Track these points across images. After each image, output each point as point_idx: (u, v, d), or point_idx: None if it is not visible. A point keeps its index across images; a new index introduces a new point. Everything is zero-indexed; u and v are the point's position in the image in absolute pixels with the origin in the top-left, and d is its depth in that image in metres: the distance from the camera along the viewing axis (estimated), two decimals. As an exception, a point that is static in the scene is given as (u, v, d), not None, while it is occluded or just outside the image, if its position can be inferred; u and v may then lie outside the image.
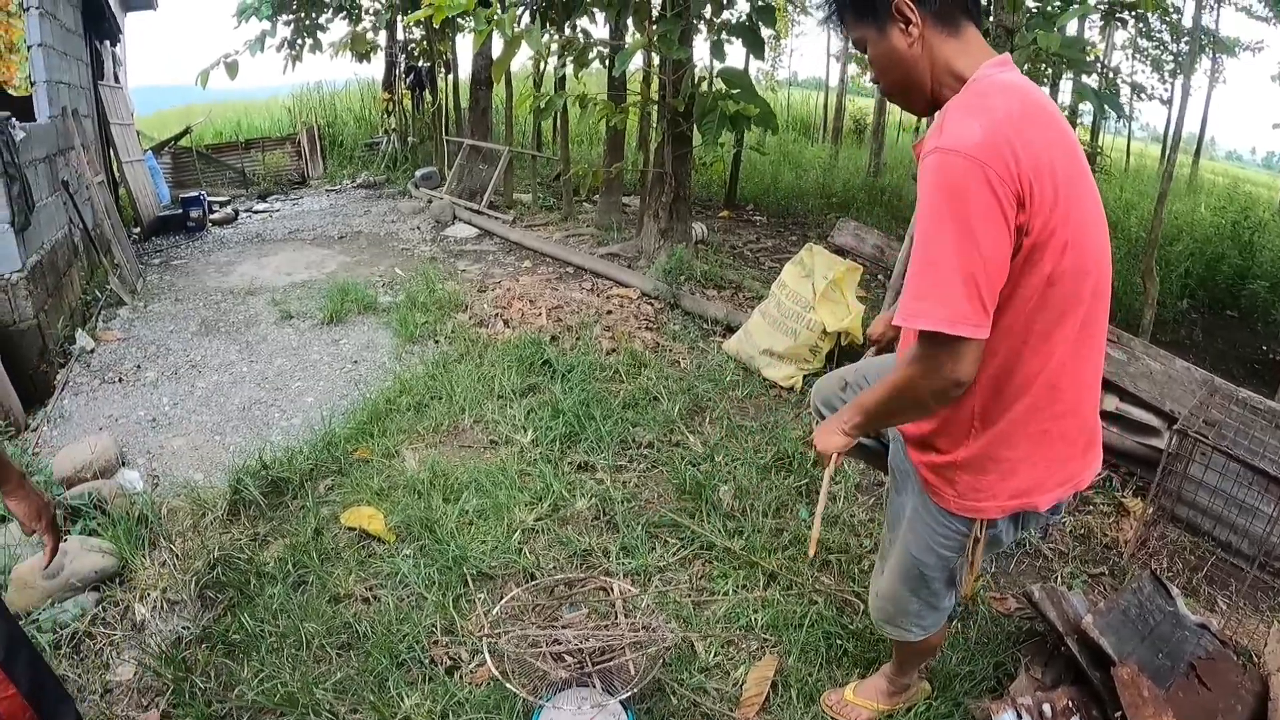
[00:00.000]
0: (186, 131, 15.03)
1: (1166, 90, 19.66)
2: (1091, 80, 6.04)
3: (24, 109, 7.19)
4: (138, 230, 10.77)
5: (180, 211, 11.11)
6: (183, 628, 3.34)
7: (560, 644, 2.82)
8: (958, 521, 2.20)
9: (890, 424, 2.28)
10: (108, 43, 11.24)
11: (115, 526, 3.86)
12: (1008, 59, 1.94)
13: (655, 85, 8.70)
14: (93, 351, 6.40)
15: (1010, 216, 1.74)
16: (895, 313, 1.95)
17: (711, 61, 7.55)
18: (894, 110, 24.62)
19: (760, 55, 7.76)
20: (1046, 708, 2.72)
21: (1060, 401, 1.98)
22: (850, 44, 1.89)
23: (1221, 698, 2.81)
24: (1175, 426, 3.91)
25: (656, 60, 8.45)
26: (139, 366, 6.19)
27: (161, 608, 3.47)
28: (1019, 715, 2.68)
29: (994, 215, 1.72)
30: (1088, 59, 6.30)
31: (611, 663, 2.83)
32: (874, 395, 2.07)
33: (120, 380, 5.93)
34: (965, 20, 1.94)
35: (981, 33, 1.95)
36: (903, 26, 1.92)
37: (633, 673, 2.83)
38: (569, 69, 8.71)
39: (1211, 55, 17.30)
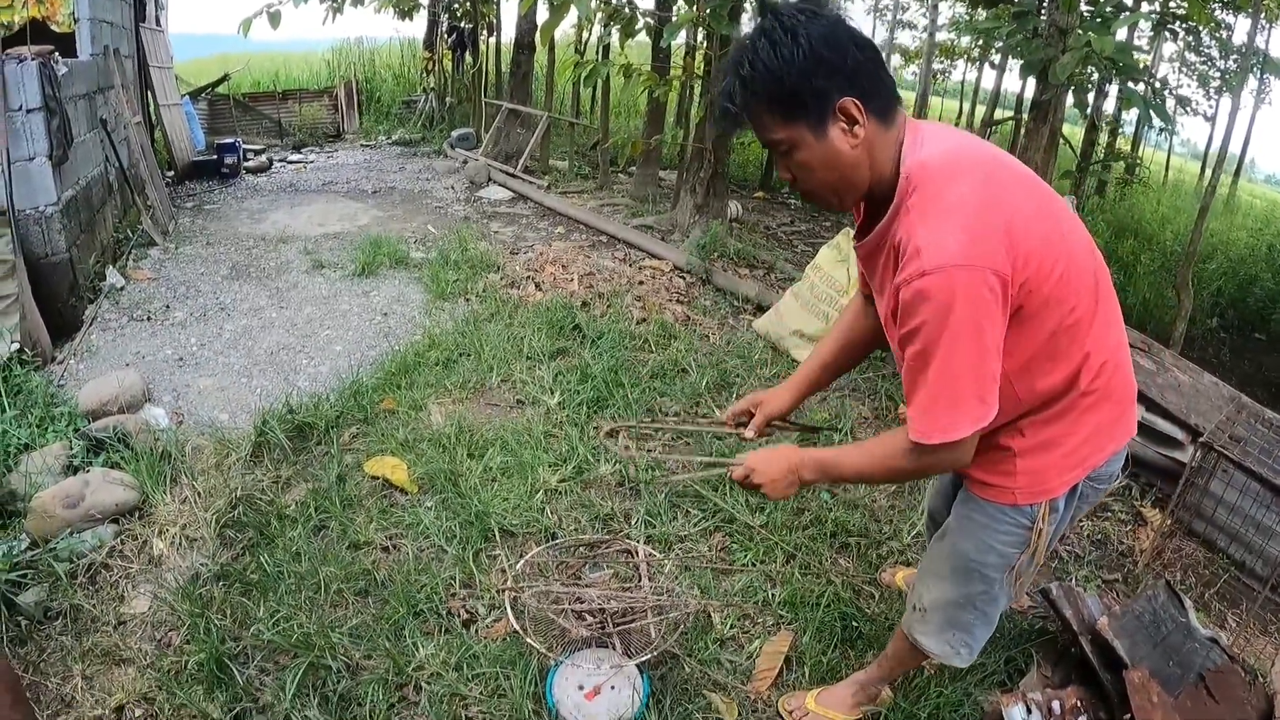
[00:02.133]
0: (225, 79, 15.00)
1: (1210, 107, 19.43)
2: (1139, 88, 5.95)
3: (66, 46, 7.17)
4: (172, 173, 10.76)
5: (215, 157, 11.09)
6: (201, 564, 3.34)
7: (583, 602, 2.79)
8: (1019, 514, 2.11)
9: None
10: (151, -16, 11.22)
11: (138, 461, 3.85)
12: (917, 127, 1.87)
13: (700, 60, 8.62)
14: (123, 289, 6.39)
15: (1008, 300, 1.74)
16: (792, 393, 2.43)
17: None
18: (935, 105, 24.48)
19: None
20: (1056, 705, 2.70)
21: (1105, 372, 1.97)
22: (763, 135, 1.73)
23: (1228, 711, 2.78)
24: (1201, 439, 3.85)
25: (703, 35, 8.37)
26: (168, 306, 6.19)
27: (180, 544, 3.47)
28: (1029, 710, 2.65)
29: (995, 312, 1.72)
30: (1138, 66, 6.21)
31: (633, 624, 2.80)
32: (853, 463, 2.07)
33: (149, 318, 5.93)
34: (894, 104, 1.85)
35: (1031, 31, 1.90)
36: (845, 127, 1.80)
37: (652, 636, 2.80)
38: (614, 38, 8.64)
39: (1260, 75, 17.03)
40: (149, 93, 10.57)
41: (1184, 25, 10.10)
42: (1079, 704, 2.72)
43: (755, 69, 1.78)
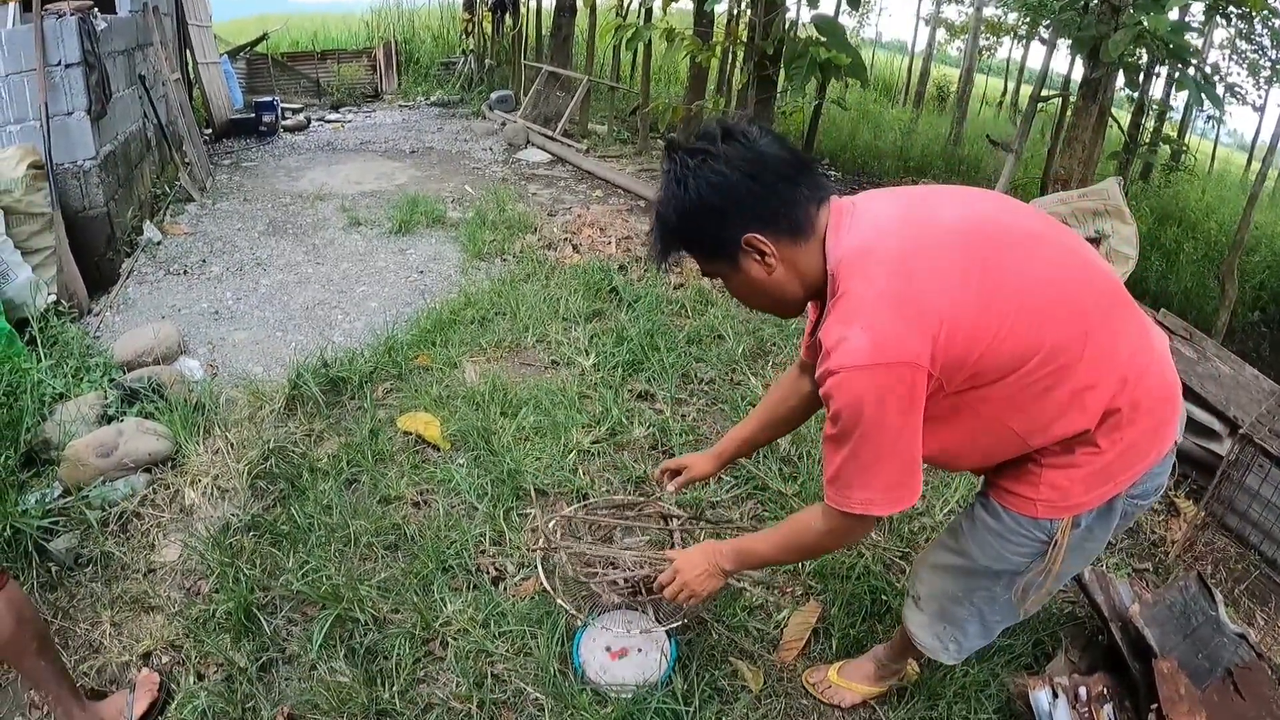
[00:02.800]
0: (263, 38, 15.01)
1: (1260, 96, 19.02)
2: (1190, 72, 5.83)
3: (105, 2, 7.16)
4: (210, 131, 10.79)
5: (253, 115, 11.13)
6: (232, 514, 3.34)
7: (616, 567, 2.76)
8: (1037, 527, 2.00)
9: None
10: (192, -59, 11.21)
11: (172, 411, 3.86)
12: (840, 214, 1.86)
13: (744, 26, 8.51)
14: (159, 244, 6.41)
15: (922, 387, 1.73)
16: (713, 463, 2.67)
17: (801, 5, 7.35)
18: (979, 83, 24.12)
19: (856, 6, 7.55)
20: (1082, 690, 2.64)
21: (1120, 392, 1.83)
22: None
23: (1253, 708, 2.71)
24: (1240, 432, 3.76)
25: (747, 1, 8.25)
26: (204, 261, 6.20)
27: (212, 494, 3.47)
28: (1055, 694, 2.60)
29: (908, 403, 1.73)
30: (1190, 48, 6.07)
31: (664, 597, 2.76)
32: (768, 545, 2.18)
33: (185, 273, 5.94)
34: (812, 210, 1.85)
35: (1083, 7, 1.80)
36: (758, 259, 1.85)
37: (684, 605, 2.76)
38: (657, 2, 8.54)
39: (1313, 67, 16.62)
40: (188, 50, 10.59)
41: (1238, 10, 9.88)
42: (1105, 691, 2.66)
43: (663, 216, 1.89)
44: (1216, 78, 15.39)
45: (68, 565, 3.10)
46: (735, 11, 8.75)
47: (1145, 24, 5.16)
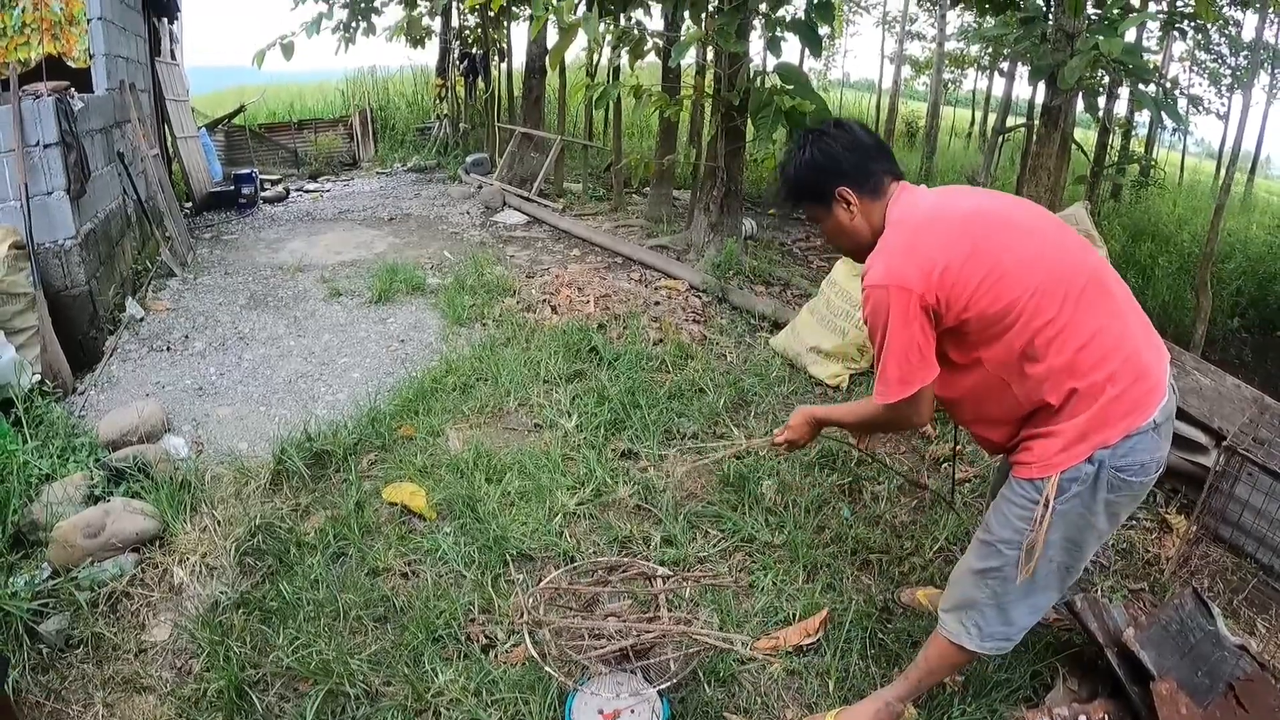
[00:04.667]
0: (240, 110, 15.15)
1: (1223, 105, 19.33)
2: (1149, 89, 5.95)
3: (83, 81, 7.25)
4: (190, 205, 10.86)
5: (232, 188, 11.20)
6: (221, 592, 3.35)
7: (602, 636, 2.78)
8: (1032, 488, 2.41)
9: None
10: (165, 19, 11.34)
11: (158, 490, 3.88)
12: (901, 191, 2.56)
13: (710, 78, 8.65)
14: (142, 320, 6.45)
15: (919, 306, 2.32)
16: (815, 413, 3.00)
17: (766, 57, 7.48)
18: (947, 115, 24.43)
19: (817, 52, 7.66)
20: (1083, 719, 2.67)
21: (1083, 361, 2.30)
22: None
23: None
24: (1224, 443, 3.82)
25: (712, 54, 8.39)
26: (187, 336, 6.23)
27: (200, 572, 3.49)
28: (1055, 725, 2.63)
29: (912, 315, 2.33)
30: (1148, 67, 6.19)
31: (652, 662, 2.79)
32: (848, 413, 2.88)
33: (168, 349, 5.97)
34: (889, 181, 2.56)
35: (1039, 36, 2.17)
36: (844, 207, 2.56)
37: (672, 667, 2.79)
38: (624, 60, 8.67)
39: (1271, 70, 16.95)
40: (166, 126, 10.69)
41: (1193, 24, 10.08)
42: (1106, 718, 2.70)
43: (785, 174, 2.68)
44: (1178, 91, 15.63)
45: (58, 647, 3.11)
46: (701, 64, 8.88)
47: (1100, 48, 5.27)
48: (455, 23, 16.18)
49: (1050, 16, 6.39)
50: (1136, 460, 2.32)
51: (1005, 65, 15.46)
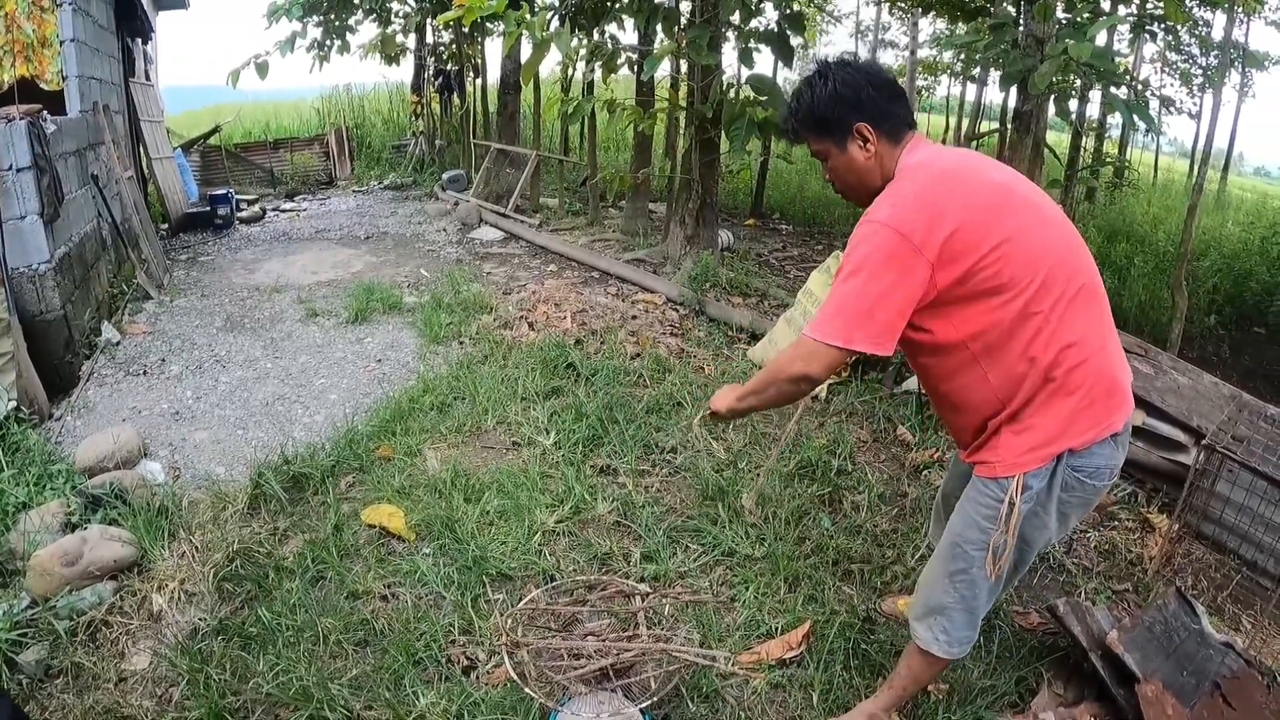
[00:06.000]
0: (215, 130, 15.11)
1: (1195, 104, 19.51)
2: (1120, 91, 5.99)
3: (55, 103, 7.22)
4: (166, 226, 10.83)
5: (208, 209, 11.18)
6: (200, 619, 3.34)
7: (581, 657, 2.79)
8: (995, 486, 2.41)
9: (756, 410, 2.79)
10: (139, 40, 11.34)
11: (136, 517, 3.87)
12: (918, 141, 2.45)
13: (684, 91, 8.68)
14: (118, 344, 6.43)
15: (911, 260, 2.21)
16: None
17: (739, 68, 7.53)
18: (922, 121, 24.54)
19: (789, 63, 7.73)
20: (1070, 723, 2.69)
21: (1061, 361, 2.27)
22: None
23: (1245, 717, 2.76)
24: (1203, 442, 3.85)
25: (685, 66, 8.43)
26: (164, 360, 6.21)
27: (179, 599, 3.47)
28: (1041, 729, 2.65)
29: (898, 263, 2.21)
30: (1118, 70, 6.24)
31: (633, 680, 2.80)
32: (753, 381, 2.60)
33: (145, 373, 5.95)
34: (902, 127, 2.45)
35: (1010, 42, 2.14)
36: (861, 144, 2.44)
37: (653, 685, 2.80)
38: (597, 74, 8.70)
39: (1241, 69, 17.11)
40: (141, 147, 10.66)
41: (1163, 25, 10.15)
42: (1093, 720, 2.72)
43: (800, 101, 2.50)
44: (1149, 92, 15.76)
45: (38, 677, 3.09)
46: (675, 77, 8.93)
47: (1069, 53, 5.31)
48: (430, 39, 16.21)
49: (1020, 22, 6.44)
50: (1093, 464, 2.37)
51: (977, 71, 15.55)
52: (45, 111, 6.07)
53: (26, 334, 5.26)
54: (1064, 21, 6.33)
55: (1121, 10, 9.96)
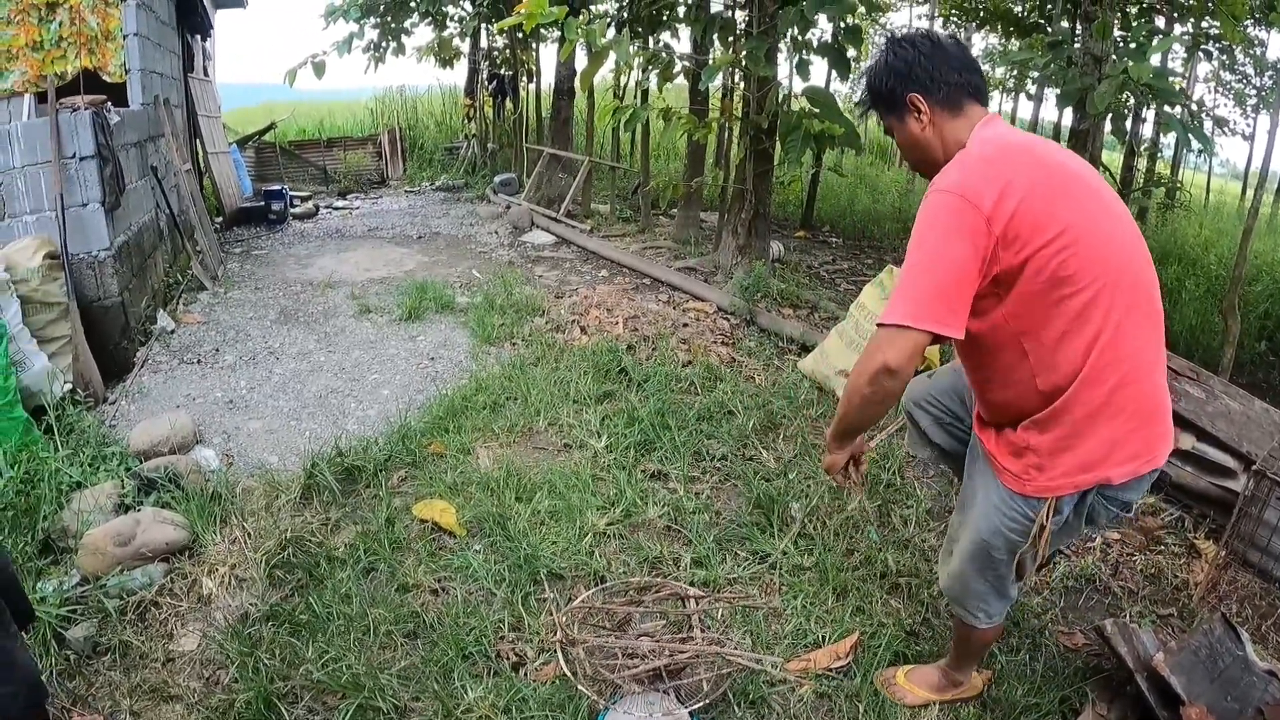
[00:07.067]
0: (271, 127, 15.28)
1: (1249, 125, 19.20)
2: (1176, 111, 5.90)
3: (118, 95, 7.32)
4: (220, 219, 10.96)
5: (262, 203, 11.29)
6: (250, 604, 3.35)
7: (636, 655, 2.77)
8: (1025, 504, 2.38)
9: (855, 427, 2.55)
10: (199, 37, 11.47)
11: (189, 501, 3.90)
12: (992, 118, 2.39)
13: (738, 101, 8.66)
14: (173, 332, 6.49)
15: (978, 230, 2.12)
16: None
17: (792, 80, 7.51)
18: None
19: (845, 76, 7.67)
20: (1112, 744, 2.65)
21: (1110, 376, 2.20)
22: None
23: None
24: (1253, 468, 3.78)
25: (740, 77, 8.41)
26: (218, 350, 6.26)
27: (230, 583, 3.49)
28: (1084, 750, 2.61)
29: (967, 231, 2.12)
30: (1175, 90, 6.16)
31: (684, 682, 2.77)
32: (840, 404, 2.49)
33: (199, 361, 6.00)
34: (969, 101, 2.40)
35: (1066, 60, 2.12)
36: (915, 115, 2.42)
37: (704, 687, 2.77)
38: (653, 82, 8.69)
39: (1296, 90, 16.83)
40: (198, 141, 10.80)
41: (1218, 45, 10.02)
42: (1135, 742, 2.67)
43: (867, 80, 2.56)
44: (1203, 113, 15.58)
45: (86, 654, 3.11)
46: (730, 87, 8.90)
47: (1129, 73, 5.24)
48: (484, 44, 16.27)
49: (1078, 40, 6.37)
50: (1125, 498, 2.39)
51: (1032, 88, 15.42)
52: (109, 103, 6.14)
53: (84, 319, 5.33)
54: (1120, 40, 6.26)
55: (1177, 29, 9.86)
